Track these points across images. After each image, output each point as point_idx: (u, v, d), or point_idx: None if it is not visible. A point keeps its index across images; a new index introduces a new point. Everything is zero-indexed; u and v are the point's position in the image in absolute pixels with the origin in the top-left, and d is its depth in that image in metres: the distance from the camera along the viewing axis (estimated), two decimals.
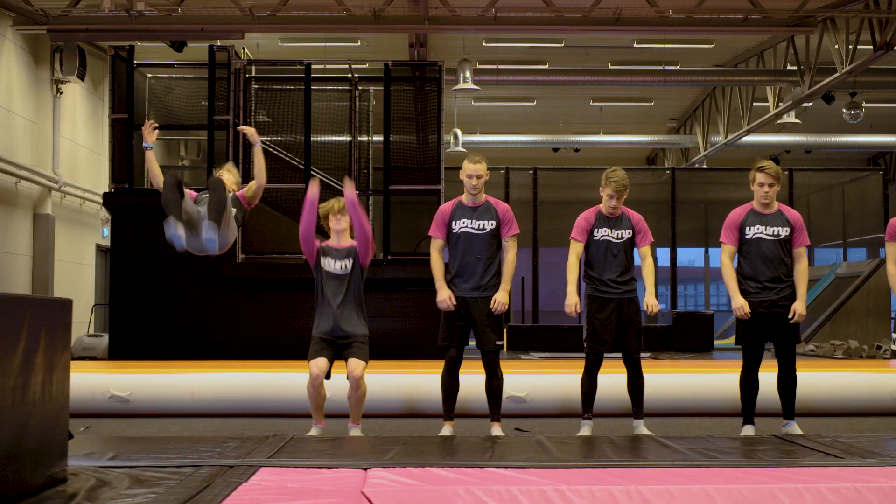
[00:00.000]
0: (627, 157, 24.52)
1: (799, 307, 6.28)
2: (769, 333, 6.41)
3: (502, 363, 6.60)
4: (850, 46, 14.60)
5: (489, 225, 6.41)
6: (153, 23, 12.10)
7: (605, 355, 6.58)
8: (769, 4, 12.48)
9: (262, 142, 6.83)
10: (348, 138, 12.91)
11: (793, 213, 6.54)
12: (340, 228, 6.24)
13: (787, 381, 6.51)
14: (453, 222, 6.44)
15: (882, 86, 17.84)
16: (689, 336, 17.24)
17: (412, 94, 13.17)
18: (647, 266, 6.60)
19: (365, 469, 4.54)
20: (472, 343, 6.67)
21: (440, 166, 12.73)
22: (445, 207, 6.53)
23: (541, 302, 22.21)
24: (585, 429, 6.53)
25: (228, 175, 6.41)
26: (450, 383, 6.49)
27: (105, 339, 13.60)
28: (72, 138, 16.03)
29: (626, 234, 6.55)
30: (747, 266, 6.44)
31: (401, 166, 12.80)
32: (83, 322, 15.58)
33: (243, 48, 14.81)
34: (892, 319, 17.44)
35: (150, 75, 13.19)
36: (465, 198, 6.51)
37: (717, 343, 20.33)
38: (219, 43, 12.54)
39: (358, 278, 6.23)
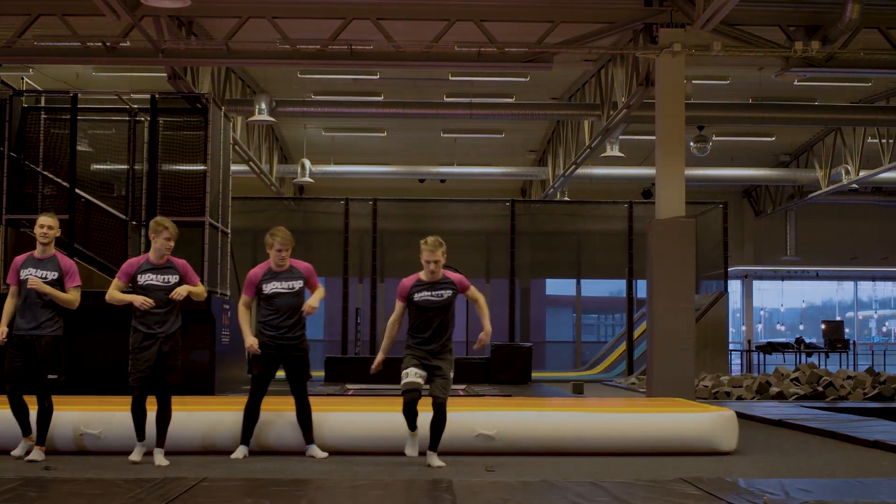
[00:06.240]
0: (495, 189, 24.58)
1: None
2: None
3: None
4: (626, 82, 14.66)
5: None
6: None
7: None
8: (507, 39, 12.56)
9: None
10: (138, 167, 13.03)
11: None
12: None
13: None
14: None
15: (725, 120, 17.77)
16: (507, 368, 17.15)
17: (185, 126, 13.32)
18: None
19: None
20: None
21: (206, 198, 12.81)
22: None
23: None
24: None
25: None
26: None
27: None
28: None
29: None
30: None
31: (171, 196, 12.90)
32: None
33: (22, 77, 15.06)
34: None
35: None
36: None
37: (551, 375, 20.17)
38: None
39: None
